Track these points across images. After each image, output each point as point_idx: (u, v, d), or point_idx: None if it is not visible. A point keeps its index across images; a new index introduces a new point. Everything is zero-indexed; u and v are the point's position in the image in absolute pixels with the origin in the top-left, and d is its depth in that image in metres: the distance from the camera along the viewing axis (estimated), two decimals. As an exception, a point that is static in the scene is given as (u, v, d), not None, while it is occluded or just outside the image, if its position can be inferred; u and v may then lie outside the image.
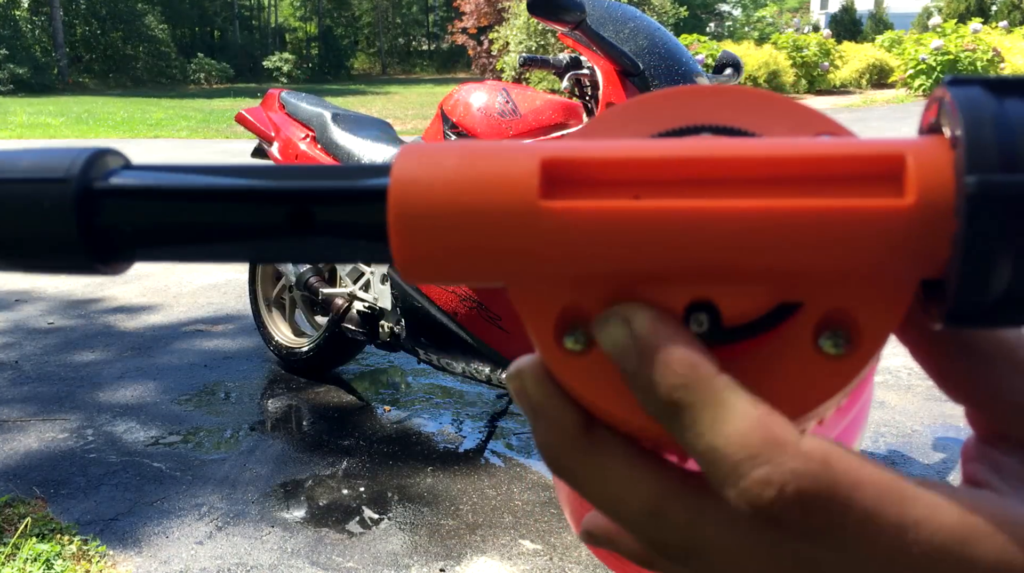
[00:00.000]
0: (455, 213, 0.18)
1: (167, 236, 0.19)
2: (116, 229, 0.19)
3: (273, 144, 2.75)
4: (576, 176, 0.19)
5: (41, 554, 1.76)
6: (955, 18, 15.61)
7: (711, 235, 0.18)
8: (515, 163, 0.18)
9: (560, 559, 1.79)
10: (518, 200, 0.18)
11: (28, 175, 0.19)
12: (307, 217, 0.19)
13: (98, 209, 0.19)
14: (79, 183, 0.19)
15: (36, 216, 0.18)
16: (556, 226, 0.18)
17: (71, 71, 26.62)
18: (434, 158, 0.19)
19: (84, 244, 0.19)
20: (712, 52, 11.83)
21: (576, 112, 2.00)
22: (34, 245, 0.19)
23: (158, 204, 0.19)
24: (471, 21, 16.38)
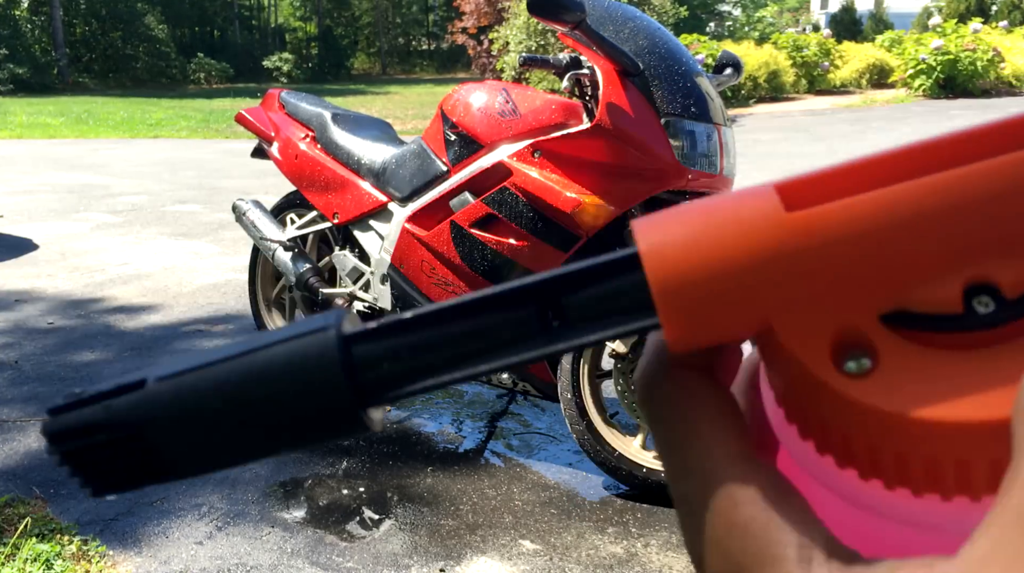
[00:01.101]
0: (710, 258, 0.18)
1: (423, 365, 0.19)
2: (376, 368, 0.19)
3: (273, 144, 2.75)
4: (813, 190, 0.18)
5: (41, 554, 1.76)
6: (955, 18, 15.60)
7: (970, 201, 0.17)
8: (750, 195, 0.18)
9: (560, 559, 1.79)
10: (766, 223, 0.18)
11: (289, 335, 0.19)
12: (558, 308, 0.19)
13: (357, 353, 0.19)
14: (337, 330, 0.19)
15: (301, 371, 0.18)
16: (809, 236, 0.17)
17: (71, 71, 26.61)
18: (671, 217, 0.18)
19: (351, 388, 0.19)
20: (712, 52, 11.83)
21: (576, 112, 1.99)
22: (300, 407, 0.19)
23: (408, 335, 0.19)
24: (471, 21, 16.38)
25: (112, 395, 0.19)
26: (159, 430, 0.19)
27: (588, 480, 2.13)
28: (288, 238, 2.67)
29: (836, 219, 0.17)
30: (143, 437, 0.19)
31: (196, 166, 8.49)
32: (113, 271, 4.26)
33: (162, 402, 0.19)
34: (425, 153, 2.23)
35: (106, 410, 0.19)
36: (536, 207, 1.96)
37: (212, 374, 0.19)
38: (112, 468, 0.19)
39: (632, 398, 2.01)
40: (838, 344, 0.18)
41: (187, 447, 0.19)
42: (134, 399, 0.19)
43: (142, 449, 0.19)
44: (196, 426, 0.19)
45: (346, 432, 0.19)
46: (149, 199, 6.50)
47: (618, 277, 0.18)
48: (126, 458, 0.19)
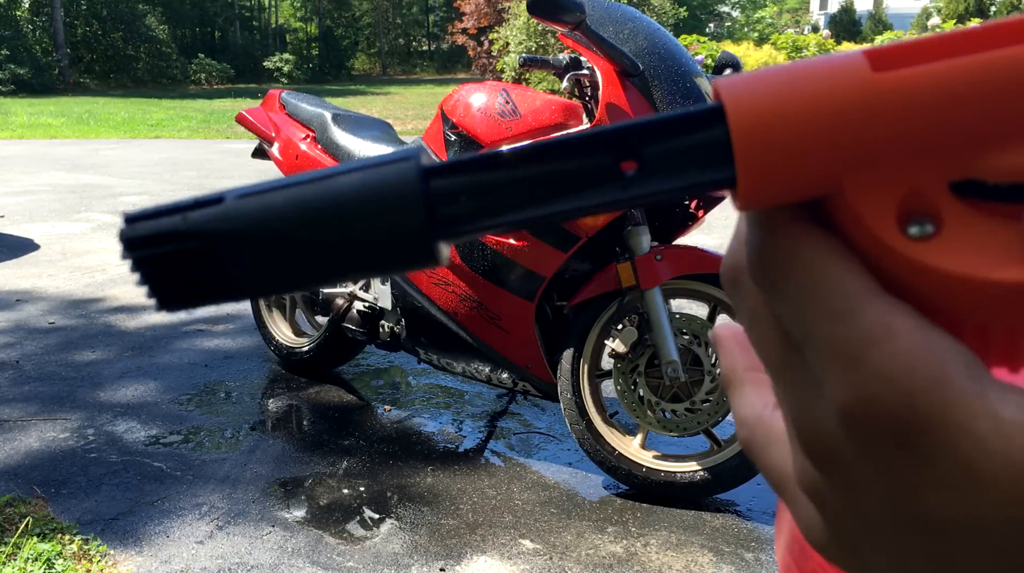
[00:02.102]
0: (794, 114, 0.18)
1: (500, 203, 0.19)
2: (454, 202, 0.19)
3: (273, 144, 2.76)
4: (902, 55, 0.18)
5: (42, 553, 1.77)
6: (954, 18, 15.62)
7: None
8: (839, 59, 0.18)
9: (560, 559, 1.79)
10: (853, 81, 0.18)
11: (370, 163, 0.19)
12: (640, 156, 0.19)
13: (437, 185, 0.19)
14: (418, 162, 0.19)
15: (381, 200, 0.19)
16: (893, 97, 0.18)
17: (72, 71, 26.62)
18: (758, 75, 0.18)
19: (427, 219, 0.19)
20: (711, 52, 11.83)
21: (576, 113, 2.00)
22: (376, 235, 0.19)
23: (488, 173, 0.19)
24: (471, 21, 16.39)
25: (190, 208, 0.19)
26: (233, 245, 0.19)
27: (588, 480, 2.14)
28: (288, 238, 2.67)
29: (919, 82, 0.18)
30: (215, 251, 0.19)
31: (197, 166, 8.50)
32: (114, 271, 4.26)
33: (239, 217, 0.19)
34: (425, 154, 2.24)
35: (184, 221, 0.19)
36: (536, 207, 1.96)
37: (292, 194, 0.19)
38: (182, 281, 0.19)
39: (632, 397, 2.01)
40: (904, 208, 0.18)
41: (258, 265, 0.19)
42: (212, 213, 0.19)
43: (213, 264, 0.19)
44: (270, 244, 0.19)
45: (416, 262, 0.19)
46: (150, 199, 6.50)
47: (700, 130, 0.18)
48: (197, 271, 0.19)
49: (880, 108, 0.18)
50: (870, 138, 0.18)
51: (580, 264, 2.12)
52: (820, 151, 0.18)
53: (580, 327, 2.06)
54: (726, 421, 2.14)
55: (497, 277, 2.06)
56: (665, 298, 1.96)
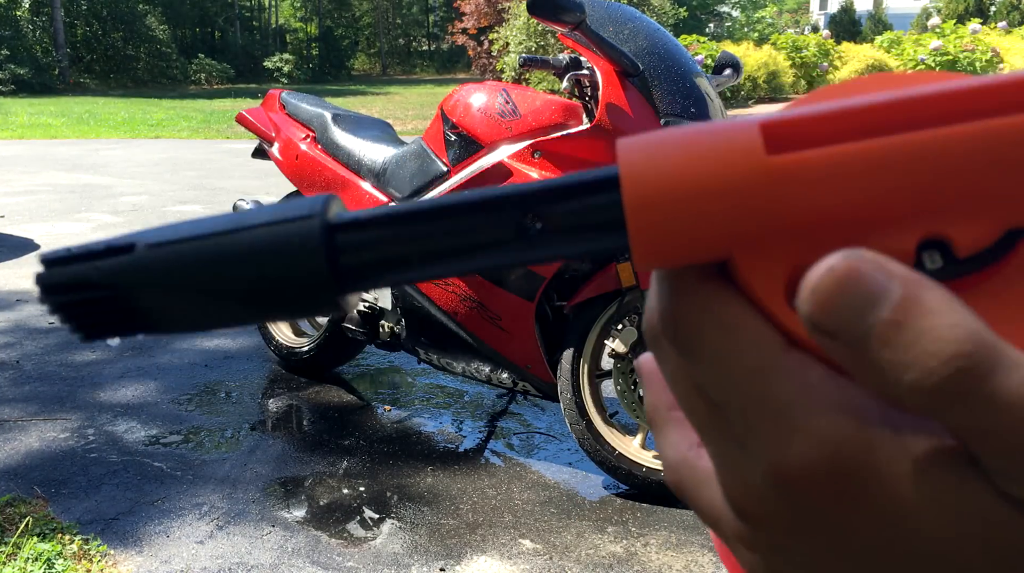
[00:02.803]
0: (686, 188, 0.18)
1: (402, 258, 0.20)
2: (357, 257, 0.20)
3: (274, 144, 2.76)
4: (795, 134, 0.19)
5: (42, 553, 1.77)
6: (954, 19, 15.62)
7: (939, 163, 0.18)
8: (735, 132, 0.19)
9: (560, 558, 1.79)
10: (745, 162, 0.18)
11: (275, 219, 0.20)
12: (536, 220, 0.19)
13: (340, 240, 0.20)
14: (322, 218, 0.20)
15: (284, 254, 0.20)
16: (783, 180, 0.18)
17: (72, 71, 26.63)
18: (655, 142, 0.19)
19: (331, 274, 0.20)
20: (711, 53, 11.83)
21: (576, 113, 2.00)
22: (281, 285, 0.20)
23: (392, 228, 0.20)
24: (471, 22, 16.39)
25: (103, 255, 0.20)
26: (144, 293, 0.20)
27: (588, 480, 2.14)
28: (288, 238, 2.67)
29: (808, 169, 0.18)
30: (128, 297, 0.20)
31: (197, 166, 8.50)
32: (114, 271, 4.26)
33: (149, 268, 0.20)
34: (425, 153, 2.24)
35: (97, 270, 0.20)
36: (536, 207, 1.96)
37: (199, 247, 0.20)
38: (100, 320, 0.21)
39: (632, 397, 2.01)
40: (792, 281, 0.19)
41: (170, 309, 0.20)
42: (123, 262, 0.20)
43: (128, 306, 0.20)
44: (180, 293, 0.20)
45: (322, 311, 0.20)
46: (150, 199, 6.50)
47: (597, 194, 0.19)
48: (113, 312, 0.20)
49: (769, 192, 0.18)
50: (759, 218, 0.18)
51: (580, 264, 2.12)
52: (711, 225, 0.18)
53: (580, 327, 2.06)
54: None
55: (497, 277, 2.06)
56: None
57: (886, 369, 0.16)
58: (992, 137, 0.18)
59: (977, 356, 0.16)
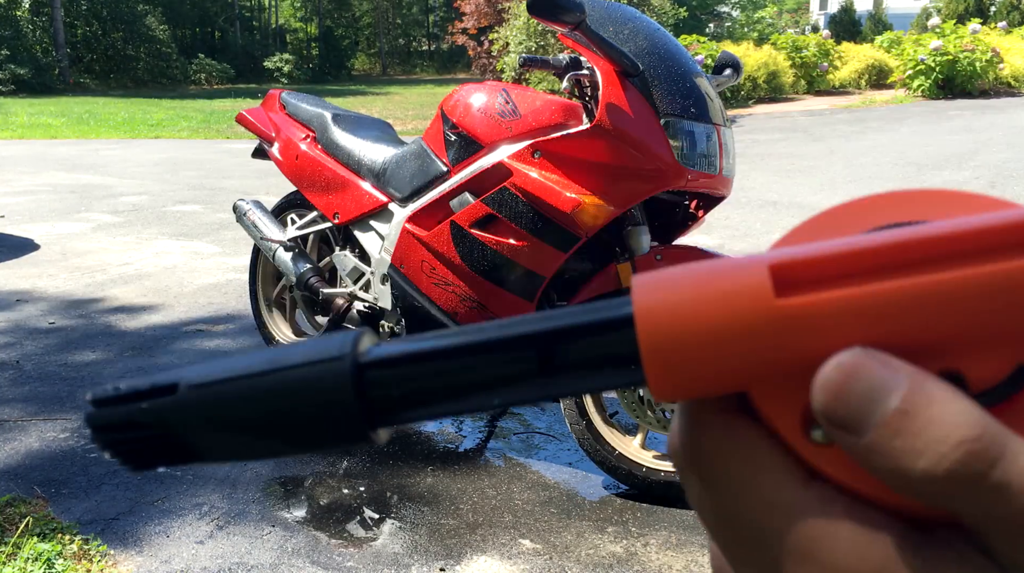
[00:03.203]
0: (699, 329, 0.19)
1: (429, 395, 0.21)
2: (386, 396, 0.21)
3: (274, 144, 2.76)
4: (804, 275, 0.19)
5: (42, 553, 1.77)
6: (954, 19, 15.61)
7: (950, 305, 0.18)
8: (745, 273, 0.19)
9: (560, 558, 1.79)
10: (755, 305, 0.19)
11: (308, 359, 0.21)
12: (556, 357, 0.20)
13: (369, 379, 0.21)
14: (352, 359, 0.21)
15: (318, 394, 0.21)
16: (793, 323, 0.19)
17: (72, 72, 26.62)
18: (668, 281, 0.20)
19: (362, 413, 0.21)
20: (711, 52, 11.83)
21: (576, 113, 2.00)
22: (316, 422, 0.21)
23: (418, 367, 0.21)
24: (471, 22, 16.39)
25: (148, 396, 0.22)
26: (189, 429, 0.22)
27: (588, 480, 2.14)
28: (289, 238, 2.67)
29: (817, 312, 0.19)
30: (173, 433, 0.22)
31: (197, 166, 8.50)
32: (114, 271, 4.26)
33: (191, 408, 0.22)
34: (425, 153, 2.24)
35: (142, 412, 0.22)
36: (536, 207, 1.96)
37: (238, 388, 0.21)
38: (148, 453, 0.22)
39: (632, 397, 2.01)
40: (808, 413, 0.19)
41: (212, 442, 0.22)
42: (168, 403, 0.22)
43: (174, 442, 0.22)
44: (222, 430, 0.22)
45: (355, 444, 0.21)
46: (150, 199, 6.50)
47: (614, 333, 0.20)
48: (161, 447, 0.22)
49: (780, 334, 0.19)
50: (771, 358, 0.19)
51: (580, 264, 2.12)
52: (724, 365, 0.19)
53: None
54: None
55: (497, 277, 2.06)
56: None
57: (898, 457, 0.17)
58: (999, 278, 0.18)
59: (985, 440, 0.16)
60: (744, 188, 6.27)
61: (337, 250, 2.55)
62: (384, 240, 2.33)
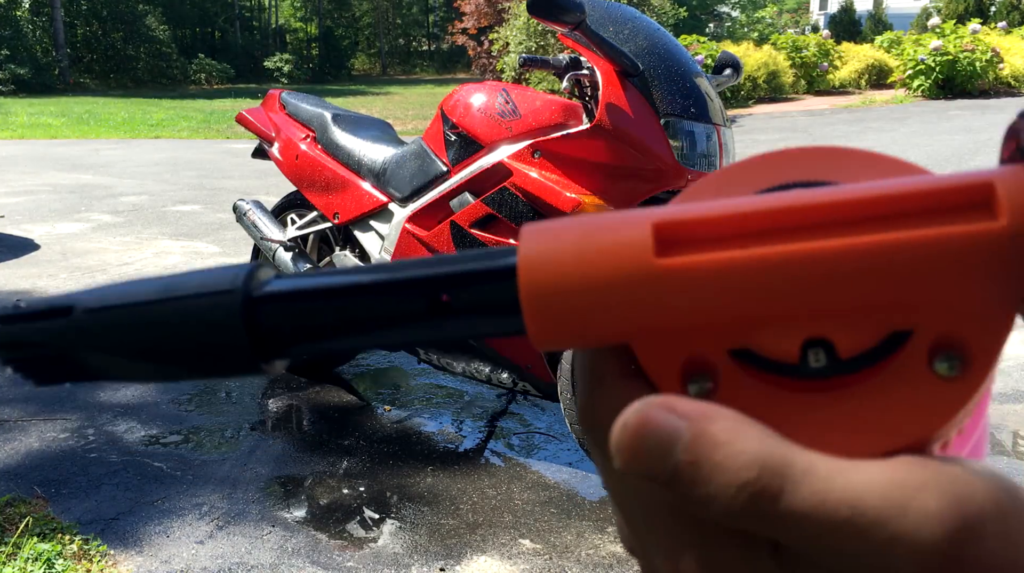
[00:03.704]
0: (579, 282, 0.20)
1: (320, 332, 0.22)
2: (277, 330, 0.21)
3: (274, 144, 2.76)
4: (687, 235, 0.20)
5: (42, 553, 1.77)
6: (954, 19, 15.61)
7: (821, 274, 0.19)
8: (629, 229, 0.20)
9: (560, 558, 1.79)
10: (635, 262, 0.19)
11: (200, 290, 0.22)
12: (444, 302, 0.21)
13: (261, 314, 0.21)
14: (243, 293, 0.21)
15: (209, 325, 0.21)
16: (672, 282, 0.19)
17: (72, 72, 26.62)
18: (554, 234, 0.20)
19: (252, 346, 0.21)
20: (711, 52, 11.83)
21: (576, 113, 2.00)
22: (207, 352, 0.22)
23: (310, 304, 0.22)
24: (471, 22, 16.38)
25: (44, 316, 0.22)
26: (83, 351, 0.22)
27: (588, 480, 2.14)
28: (289, 238, 2.67)
29: (693, 273, 0.19)
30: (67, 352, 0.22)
31: (197, 166, 8.50)
32: (114, 271, 4.26)
33: (85, 331, 0.22)
34: (425, 153, 2.24)
35: (37, 331, 0.22)
36: (536, 207, 1.97)
37: (130, 315, 0.22)
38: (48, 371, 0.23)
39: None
40: (687, 367, 0.20)
41: (108, 364, 0.22)
42: (61, 325, 0.22)
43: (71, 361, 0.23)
44: (115, 353, 0.22)
45: (248, 374, 0.22)
46: (150, 199, 6.50)
47: (499, 281, 0.20)
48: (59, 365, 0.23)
49: (656, 292, 0.19)
50: (647, 314, 0.20)
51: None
52: (603, 316, 0.20)
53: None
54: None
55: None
56: None
57: (699, 502, 0.18)
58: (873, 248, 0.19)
59: (763, 480, 0.18)
60: (744, 188, 6.26)
61: (337, 250, 2.55)
62: (384, 240, 2.33)
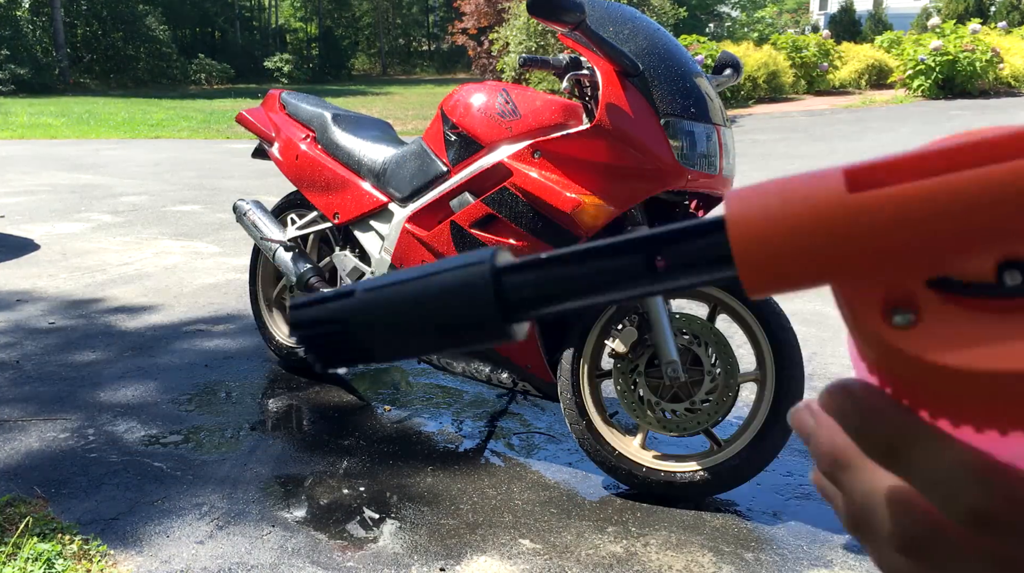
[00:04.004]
0: (782, 228, 0.22)
1: (555, 293, 0.25)
2: (519, 294, 0.25)
3: (274, 144, 2.76)
4: (876, 175, 0.22)
5: (42, 553, 1.77)
6: (954, 19, 15.60)
7: (1013, 194, 0.20)
8: (823, 176, 0.22)
9: (560, 558, 1.79)
10: (831, 201, 0.21)
11: (456, 265, 0.26)
12: (660, 262, 0.24)
13: (505, 282, 0.25)
14: (491, 264, 0.25)
15: (464, 295, 0.25)
16: (867, 214, 0.21)
17: (72, 72, 26.62)
18: (755, 190, 0.23)
19: (499, 310, 0.25)
20: (711, 52, 11.83)
21: (576, 113, 2.00)
22: (463, 320, 0.25)
23: (546, 271, 0.25)
24: (471, 22, 16.38)
25: (334, 299, 0.27)
26: (362, 328, 0.27)
27: (588, 480, 2.14)
28: (289, 238, 2.67)
29: (886, 203, 0.21)
30: (350, 330, 0.27)
31: (197, 166, 8.50)
32: (114, 271, 4.26)
33: (366, 308, 0.27)
34: (425, 153, 2.24)
35: (328, 311, 0.27)
36: (536, 207, 1.96)
37: (401, 291, 0.26)
38: (333, 350, 0.27)
39: (632, 398, 2.02)
40: (888, 301, 0.22)
41: (381, 341, 0.27)
42: (348, 303, 0.27)
43: (350, 338, 0.27)
44: (386, 326, 0.26)
45: (497, 340, 0.26)
46: (150, 199, 6.50)
47: (709, 236, 0.23)
48: (342, 345, 0.27)
49: (854, 225, 0.21)
50: (848, 248, 0.21)
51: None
52: (806, 257, 0.22)
53: (580, 327, 2.06)
54: (726, 421, 2.14)
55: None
56: (665, 298, 1.96)
57: None
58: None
59: None
60: (744, 188, 6.26)
61: (337, 250, 2.55)
62: (384, 240, 2.33)
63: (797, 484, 2.09)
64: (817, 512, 1.96)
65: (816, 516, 1.94)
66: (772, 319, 1.93)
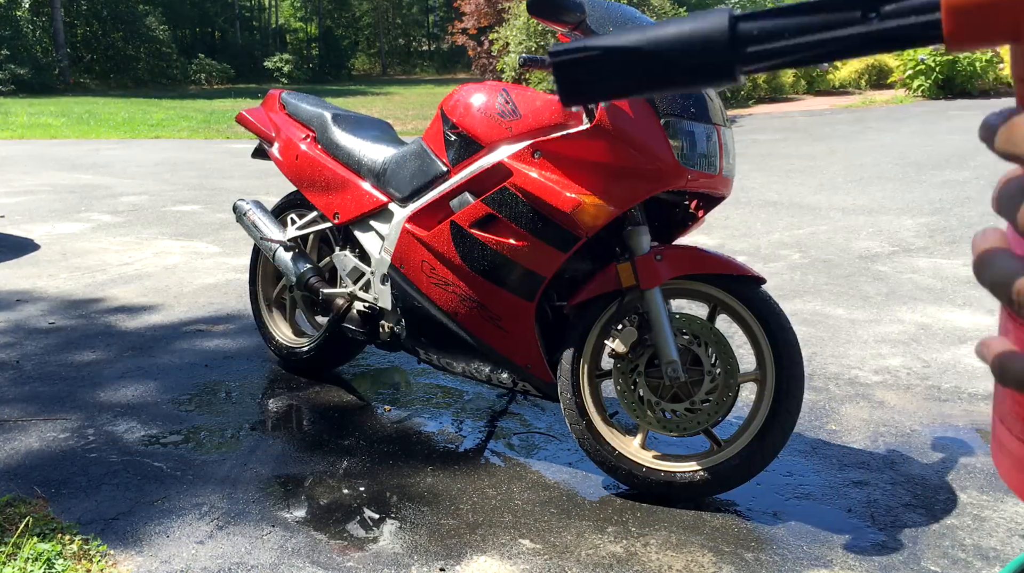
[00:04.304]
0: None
1: (782, 41, 0.29)
2: (751, 39, 0.29)
3: (274, 144, 2.76)
4: None
5: (42, 553, 1.77)
6: (955, 19, 15.58)
7: None
8: None
9: (560, 558, 1.79)
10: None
11: (701, 14, 0.30)
12: (873, 13, 0.28)
13: (741, 28, 0.30)
14: (729, 13, 0.30)
15: (705, 31, 0.30)
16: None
17: (72, 72, 26.62)
18: None
19: (733, 51, 0.30)
20: (712, 53, 11.81)
21: (576, 113, 2.00)
22: (701, 56, 0.30)
23: (775, 20, 0.29)
24: (471, 22, 16.38)
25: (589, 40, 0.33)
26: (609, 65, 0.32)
27: (588, 480, 2.14)
28: (289, 238, 2.67)
29: None
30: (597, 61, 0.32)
31: (197, 166, 8.50)
32: (114, 271, 4.26)
33: (611, 53, 0.31)
34: (425, 153, 2.24)
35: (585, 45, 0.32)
36: (536, 207, 1.96)
37: (649, 35, 0.31)
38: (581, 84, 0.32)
39: (632, 398, 2.02)
40: None
41: (620, 74, 0.31)
42: (602, 40, 0.32)
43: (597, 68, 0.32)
44: (629, 60, 0.31)
45: (722, 82, 0.31)
46: (150, 199, 6.50)
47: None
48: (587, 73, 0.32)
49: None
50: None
51: (580, 264, 2.12)
52: (1005, 12, 0.25)
53: (580, 327, 2.06)
54: (726, 421, 2.14)
55: (497, 277, 2.06)
56: (665, 298, 1.96)
57: None
58: None
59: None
60: (744, 188, 6.26)
61: (337, 250, 2.55)
62: (384, 240, 2.33)
63: (797, 484, 2.09)
64: (817, 512, 1.96)
65: (816, 516, 1.94)
66: (772, 319, 1.93)
